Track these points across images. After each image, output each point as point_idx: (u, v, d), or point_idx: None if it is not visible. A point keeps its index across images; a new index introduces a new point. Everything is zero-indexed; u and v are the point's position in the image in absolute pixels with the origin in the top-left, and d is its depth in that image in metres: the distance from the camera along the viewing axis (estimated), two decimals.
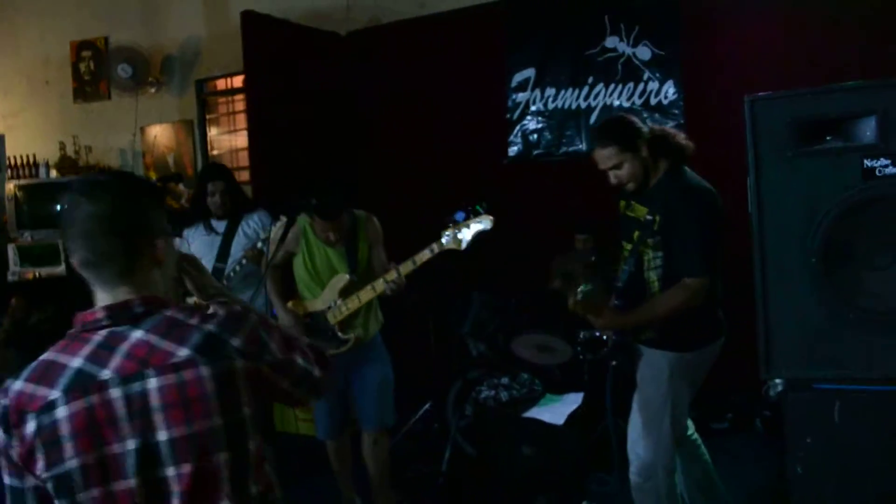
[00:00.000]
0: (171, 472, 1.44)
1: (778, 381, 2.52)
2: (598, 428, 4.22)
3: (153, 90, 6.98)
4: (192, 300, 4.10)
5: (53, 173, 7.07)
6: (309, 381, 1.66)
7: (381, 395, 3.76)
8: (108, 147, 7.25)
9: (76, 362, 1.45)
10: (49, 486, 1.44)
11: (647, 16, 5.26)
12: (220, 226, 4.41)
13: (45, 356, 1.49)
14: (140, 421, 1.43)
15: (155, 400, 1.43)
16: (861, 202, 2.44)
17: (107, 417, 1.42)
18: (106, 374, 1.44)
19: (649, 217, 2.98)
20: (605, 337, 4.58)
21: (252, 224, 4.39)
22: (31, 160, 7.03)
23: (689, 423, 3.29)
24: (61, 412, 1.41)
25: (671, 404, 3.03)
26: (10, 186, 6.72)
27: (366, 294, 3.60)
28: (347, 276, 3.65)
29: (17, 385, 1.46)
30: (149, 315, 1.50)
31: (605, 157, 3.02)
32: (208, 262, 4.28)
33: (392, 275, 3.51)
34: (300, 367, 1.64)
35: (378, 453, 3.79)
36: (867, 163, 2.43)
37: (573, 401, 4.05)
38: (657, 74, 5.28)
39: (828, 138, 2.49)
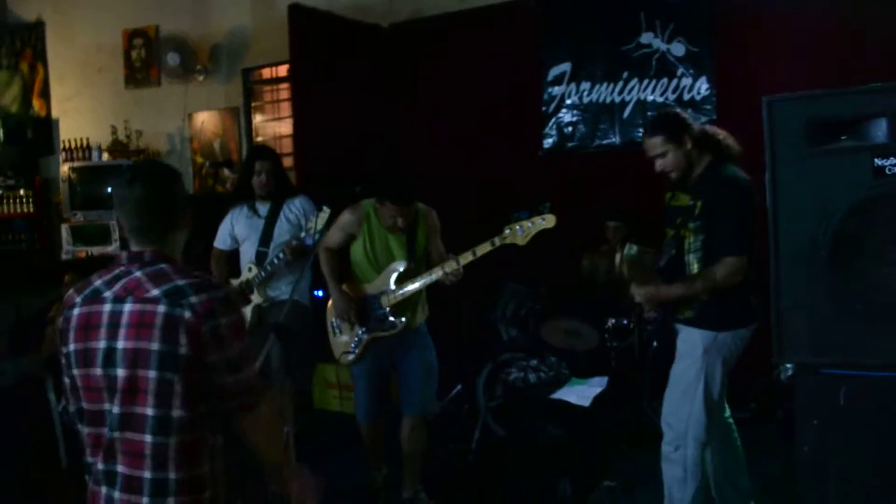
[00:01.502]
0: (120, 372, 1.90)
1: (788, 365, 2.66)
2: (623, 411, 4.38)
3: (201, 78, 7.22)
4: (236, 281, 4.34)
5: (105, 156, 7.35)
6: (251, 396, 2.00)
7: (426, 382, 3.89)
8: (158, 132, 7.50)
9: (97, 283, 2.01)
10: (62, 359, 2.01)
11: (681, 12, 5.37)
12: (263, 209, 4.50)
13: (90, 277, 2.06)
14: (111, 330, 1.92)
15: (125, 318, 1.92)
16: (871, 199, 2.58)
17: (95, 322, 1.95)
18: (108, 294, 1.97)
19: (691, 203, 3.21)
20: (631, 325, 4.78)
21: (294, 210, 4.47)
22: (84, 143, 7.33)
23: (726, 406, 3.43)
24: (75, 311, 1.99)
25: (704, 379, 3.21)
26: (64, 168, 7.04)
27: (423, 278, 3.72)
28: (405, 263, 3.78)
29: (71, 290, 2.06)
30: (152, 264, 1.98)
31: (652, 145, 3.28)
32: (251, 245, 4.47)
33: (451, 265, 3.63)
34: (247, 377, 1.98)
35: (416, 439, 3.90)
36: (878, 162, 2.57)
37: (598, 384, 4.19)
38: (691, 70, 5.39)
39: (842, 138, 2.63)
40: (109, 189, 6.88)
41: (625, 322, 4.82)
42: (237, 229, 4.55)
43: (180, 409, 1.89)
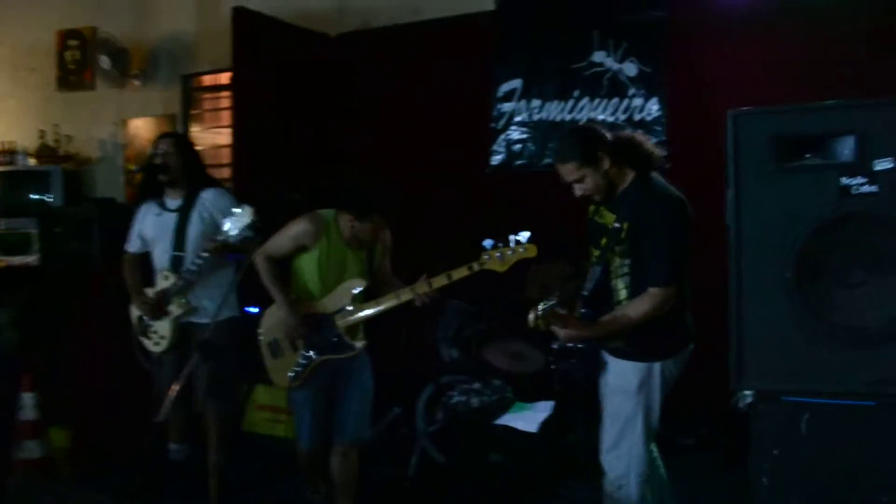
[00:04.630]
0: None
1: (748, 392, 2.53)
2: (568, 436, 4.22)
3: (138, 83, 6.95)
4: (151, 291, 4.03)
5: (32, 161, 7.00)
6: None
7: (362, 407, 3.67)
8: (90, 137, 7.19)
9: None
10: None
11: (634, 33, 5.32)
12: (173, 203, 4.01)
13: None
14: None
15: None
16: (836, 220, 2.47)
17: None
18: None
19: (617, 225, 2.95)
20: (577, 346, 4.63)
21: (208, 204, 3.98)
22: (9, 148, 6.96)
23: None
24: None
25: (643, 414, 3.02)
26: None
27: (388, 301, 3.48)
28: (363, 282, 3.55)
29: None
30: None
31: (566, 172, 3.03)
32: (164, 248, 3.99)
33: (424, 287, 3.41)
34: None
35: (348, 467, 3.66)
36: (844, 181, 2.46)
37: (544, 409, 4.05)
38: (642, 91, 5.33)
39: (807, 156, 2.53)
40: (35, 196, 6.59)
41: (569, 344, 4.67)
42: (146, 229, 4.10)
43: None
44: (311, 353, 3.53)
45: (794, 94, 4.19)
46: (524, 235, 3.27)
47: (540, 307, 2.85)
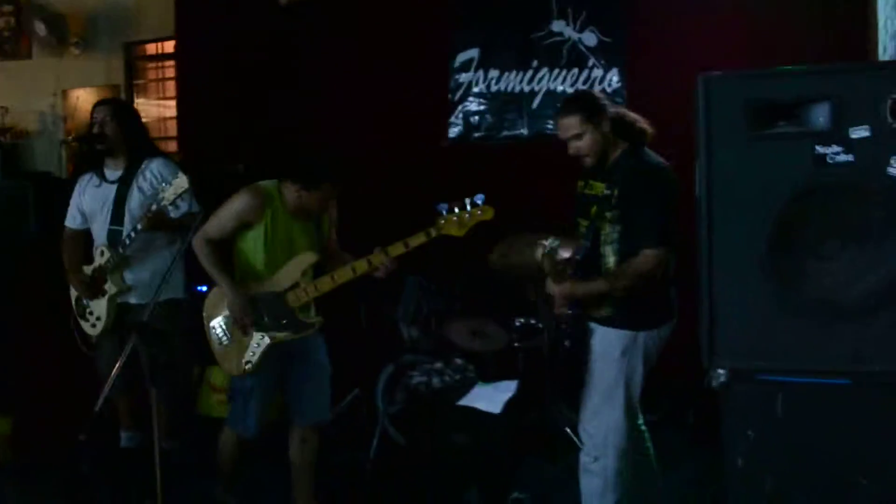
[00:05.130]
0: None
1: (721, 371, 2.43)
2: (532, 416, 4.13)
3: (78, 51, 6.64)
4: (88, 269, 3.82)
5: None
6: None
7: (320, 388, 3.50)
8: (27, 109, 6.87)
9: None
10: None
11: (594, 2, 5.20)
12: (113, 174, 3.80)
13: None
14: None
15: None
16: (811, 189, 2.36)
17: None
18: None
19: (607, 191, 3.02)
20: (540, 325, 4.53)
21: (150, 175, 3.78)
22: None
23: (639, 413, 3.28)
24: None
25: (624, 383, 3.06)
26: None
27: (343, 275, 3.29)
28: (314, 255, 3.35)
29: None
30: None
31: (568, 125, 3.06)
32: (102, 222, 3.78)
33: (380, 258, 3.25)
34: None
35: (307, 452, 3.51)
36: (819, 149, 2.36)
37: (507, 388, 3.94)
38: (602, 61, 5.22)
39: (781, 123, 2.41)
40: None
41: (532, 321, 4.58)
42: (85, 203, 3.86)
43: None
44: (264, 335, 3.35)
45: (760, 65, 4.12)
46: (479, 197, 3.24)
47: (547, 242, 3.05)
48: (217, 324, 3.41)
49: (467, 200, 3.23)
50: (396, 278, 4.84)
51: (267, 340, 3.33)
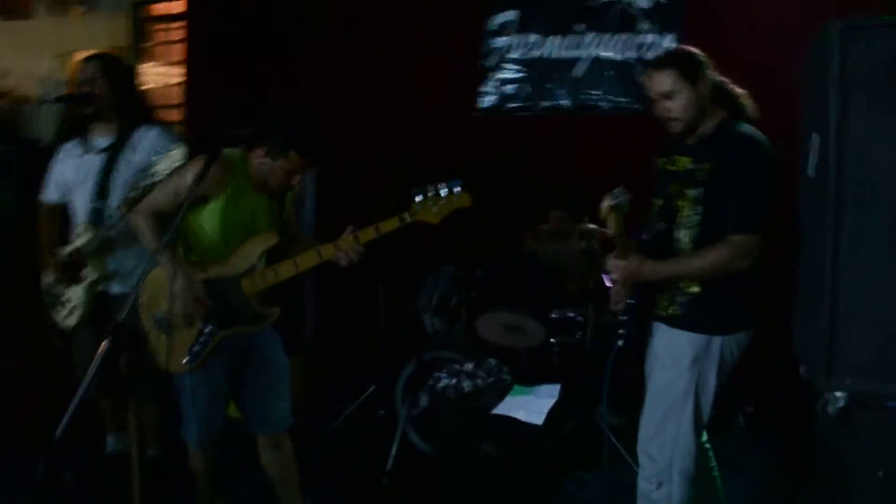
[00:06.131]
0: None
1: (839, 394, 1.92)
2: (573, 422, 3.71)
3: (82, 10, 6.22)
4: (66, 250, 3.35)
5: None
6: None
7: (279, 390, 3.06)
8: (28, 72, 6.49)
9: None
10: None
11: None
12: (101, 142, 3.33)
13: None
14: None
15: None
16: None
17: None
18: None
19: (692, 166, 2.63)
20: (581, 318, 4.05)
21: (143, 147, 3.28)
22: None
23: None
24: None
25: (694, 397, 2.65)
26: None
27: (307, 260, 2.85)
28: (275, 237, 2.91)
29: None
30: None
31: (660, 81, 2.64)
32: (83, 197, 3.29)
33: (349, 241, 2.83)
34: None
35: (284, 458, 3.09)
36: None
37: (549, 394, 3.46)
38: (656, 26, 4.75)
39: None
40: None
41: (571, 315, 4.09)
42: (66, 174, 3.37)
43: None
44: (213, 326, 2.86)
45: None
46: (457, 182, 2.86)
47: (615, 192, 2.67)
48: (158, 312, 2.89)
49: (443, 185, 2.84)
50: (418, 265, 4.42)
51: (218, 333, 2.86)
